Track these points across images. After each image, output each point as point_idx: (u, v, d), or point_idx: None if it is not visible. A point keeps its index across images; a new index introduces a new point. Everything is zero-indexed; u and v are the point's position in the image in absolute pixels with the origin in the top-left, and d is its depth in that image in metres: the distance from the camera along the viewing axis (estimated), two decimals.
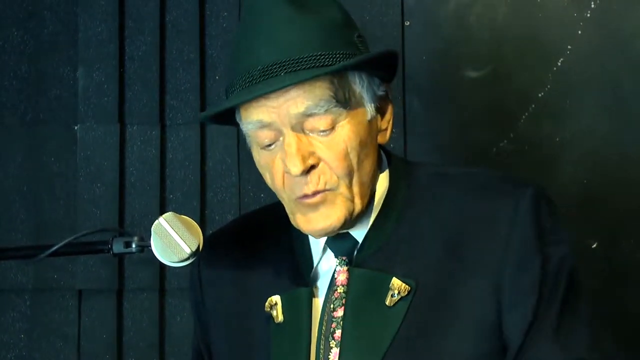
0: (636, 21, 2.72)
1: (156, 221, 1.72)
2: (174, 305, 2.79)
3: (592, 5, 2.73)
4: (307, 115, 1.66)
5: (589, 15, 2.73)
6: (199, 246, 1.72)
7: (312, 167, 1.68)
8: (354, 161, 1.70)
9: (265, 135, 1.70)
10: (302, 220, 1.73)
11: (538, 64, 2.75)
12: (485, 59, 2.76)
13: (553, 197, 1.75)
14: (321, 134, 1.68)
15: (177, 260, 1.72)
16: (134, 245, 1.79)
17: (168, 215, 1.73)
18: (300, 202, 1.71)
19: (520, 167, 2.72)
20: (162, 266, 2.58)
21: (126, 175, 2.81)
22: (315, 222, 1.71)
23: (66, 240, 1.79)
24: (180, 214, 1.75)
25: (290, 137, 1.67)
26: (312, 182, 1.68)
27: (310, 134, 1.68)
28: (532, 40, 2.75)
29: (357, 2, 2.76)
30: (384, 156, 1.83)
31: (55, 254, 1.79)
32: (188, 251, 1.71)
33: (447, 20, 2.79)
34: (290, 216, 1.76)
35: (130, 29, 2.84)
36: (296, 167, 1.66)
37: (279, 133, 1.69)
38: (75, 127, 2.82)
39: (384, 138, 1.78)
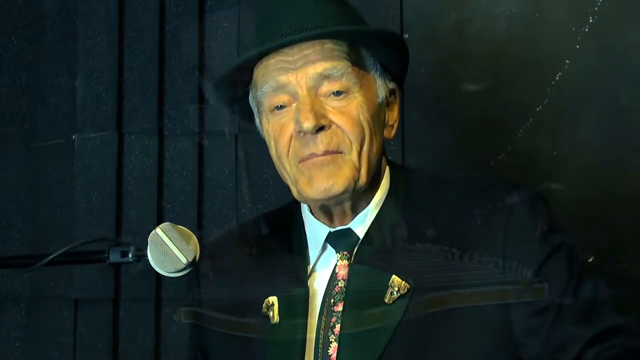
0: (634, 36, 2.73)
1: (153, 231, 1.73)
2: (170, 315, 2.78)
3: (590, 21, 2.74)
4: (324, 77, 1.73)
5: (587, 30, 2.74)
6: (195, 257, 1.72)
7: (323, 128, 1.73)
8: (367, 131, 1.76)
9: (280, 99, 1.76)
10: (304, 183, 1.75)
11: (536, 78, 2.75)
12: (484, 72, 2.77)
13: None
14: (335, 98, 1.74)
15: (173, 270, 1.73)
16: (130, 255, 1.79)
17: (165, 225, 1.73)
18: (305, 163, 1.74)
19: (518, 180, 2.70)
20: (159, 276, 2.56)
21: (124, 184, 2.81)
22: (319, 181, 1.74)
23: (63, 250, 1.79)
24: (178, 224, 1.75)
25: (305, 97, 1.73)
26: (323, 142, 1.73)
27: (324, 99, 1.74)
28: (530, 54, 2.75)
29: None
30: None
31: (51, 263, 1.79)
32: (184, 261, 1.71)
33: (446, 34, 2.79)
34: (292, 188, 1.79)
35: (129, 39, 2.84)
36: (308, 121, 1.71)
37: (293, 98, 1.75)
38: (73, 136, 2.82)
39: (389, 134, 1.85)
